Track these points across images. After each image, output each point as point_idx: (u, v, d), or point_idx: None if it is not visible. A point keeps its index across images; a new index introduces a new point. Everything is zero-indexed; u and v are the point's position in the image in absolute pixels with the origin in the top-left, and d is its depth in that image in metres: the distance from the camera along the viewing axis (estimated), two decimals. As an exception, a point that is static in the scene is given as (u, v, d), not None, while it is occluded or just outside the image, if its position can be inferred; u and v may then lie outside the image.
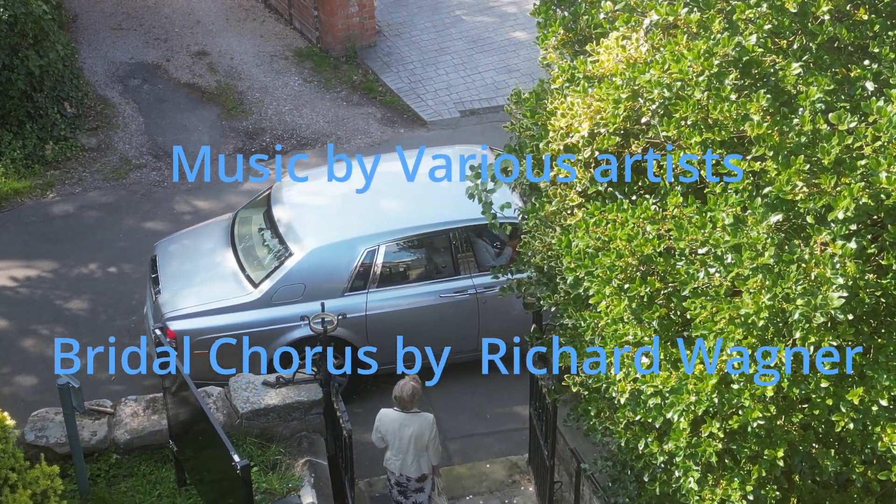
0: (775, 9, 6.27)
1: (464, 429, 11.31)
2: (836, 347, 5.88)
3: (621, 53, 6.68)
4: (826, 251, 5.78)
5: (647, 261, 6.42)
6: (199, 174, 14.66)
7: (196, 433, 8.64)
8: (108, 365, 11.92)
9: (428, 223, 11.31)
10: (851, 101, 6.19)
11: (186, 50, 17.19)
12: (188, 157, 14.93)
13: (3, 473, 6.90)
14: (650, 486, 7.24)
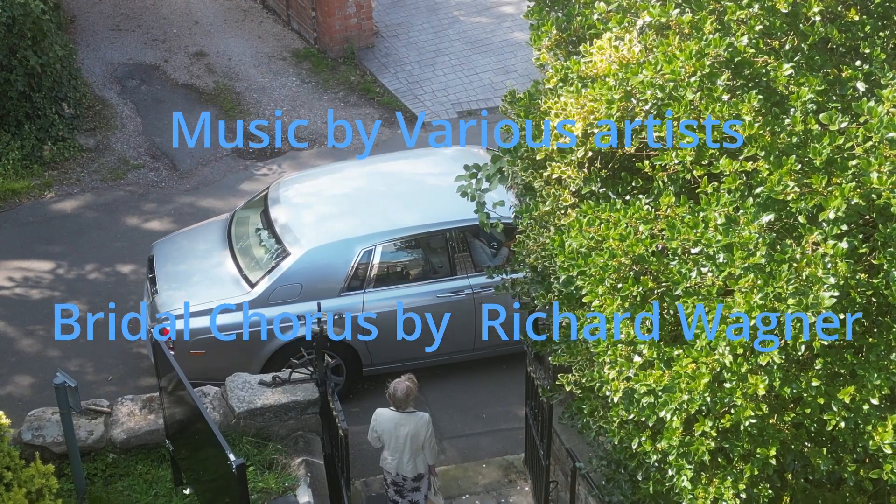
0: (767, 10, 6.31)
1: (460, 428, 11.34)
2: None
3: (614, 54, 6.71)
4: (818, 251, 5.81)
5: (640, 260, 6.44)
6: (198, 143, 15.03)
7: (192, 433, 8.67)
8: (108, 331, 12.16)
9: (424, 223, 11.34)
10: (843, 101, 6.22)
11: (184, 51, 17.23)
12: (185, 159, 14.97)
13: (-1, 472, 6.95)
14: (644, 485, 7.26)
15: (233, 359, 10.92)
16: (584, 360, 7.35)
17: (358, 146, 15.20)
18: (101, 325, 12.30)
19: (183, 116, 15.08)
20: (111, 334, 12.16)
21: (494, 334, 11.51)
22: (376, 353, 11.37)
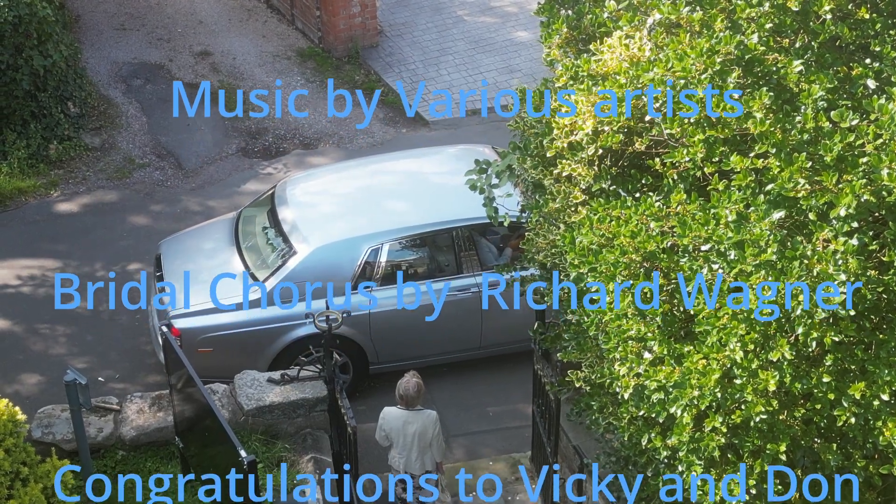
0: (777, 8, 6.34)
1: (466, 426, 11.36)
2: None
3: (625, 52, 6.74)
4: (828, 248, 5.84)
5: (651, 257, 6.48)
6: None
7: (202, 430, 8.71)
8: (108, 299, 12.46)
9: (431, 222, 11.36)
10: (853, 99, 6.25)
11: (189, 50, 17.26)
12: (191, 158, 15.00)
13: (15, 468, 6.97)
14: (653, 481, 7.30)
15: (240, 356, 10.96)
16: (595, 357, 7.39)
17: (363, 146, 15.24)
18: (107, 322, 12.33)
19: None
20: (111, 303, 12.43)
21: (499, 332, 11.55)
22: (383, 351, 11.40)
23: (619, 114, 6.75)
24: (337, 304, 10.69)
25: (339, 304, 10.73)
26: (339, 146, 15.27)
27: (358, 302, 11.10)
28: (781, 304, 5.89)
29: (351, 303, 11.00)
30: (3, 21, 13.81)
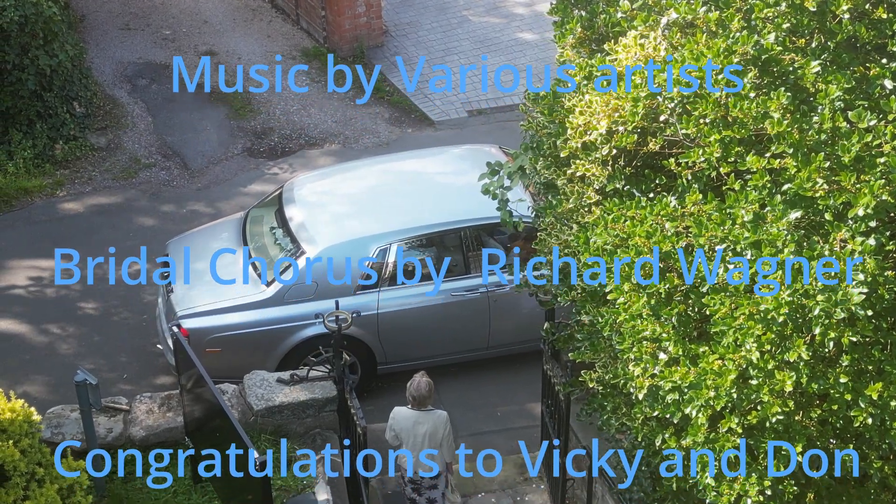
0: (794, 7, 6.33)
1: (474, 426, 11.35)
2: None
3: (640, 52, 6.73)
4: (846, 248, 5.83)
5: (666, 257, 6.47)
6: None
7: (212, 430, 8.69)
8: (108, 276, 12.77)
9: (439, 222, 11.35)
10: (870, 99, 6.24)
11: (194, 50, 17.24)
12: (197, 158, 14.99)
13: (31, 468, 6.96)
14: (666, 482, 7.29)
15: (248, 356, 10.95)
16: (608, 357, 7.38)
17: (369, 146, 15.23)
18: (114, 324, 12.32)
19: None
20: (111, 279, 12.73)
21: (507, 333, 11.54)
22: (391, 351, 11.39)
23: (632, 114, 6.74)
24: (344, 304, 10.64)
25: (346, 304, 10.70)
26: (344, 146, 15.25)
27: (365, 302, 11.08)
28: (798, 305, 5.88)
29: (358, 303, 10.98)
30: (9, 21, 13.79)
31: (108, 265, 13.11)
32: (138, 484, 9.16)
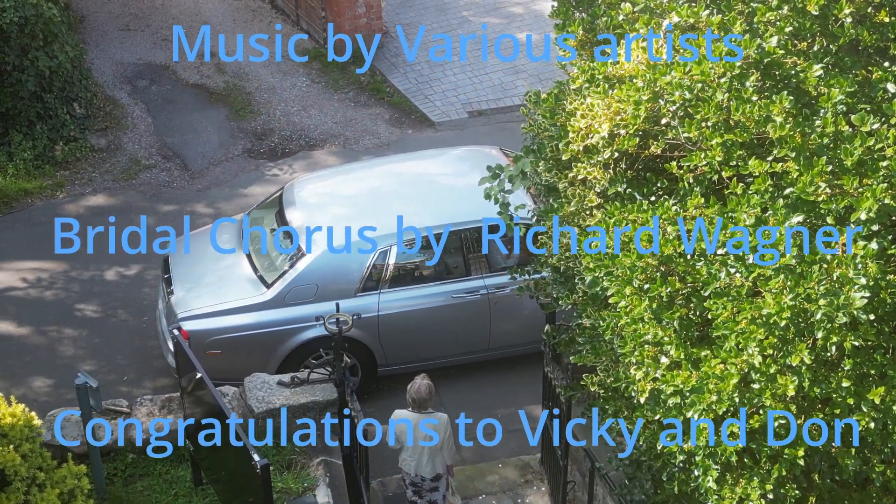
0: (796, 11, 6.31)
1: (475, 429, 11.33)
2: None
3: (642, 55, 6.72)
4: (848, 252, 5.82)
5: (668, 261, 6.45)
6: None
7: (213, 433, 8.67)
8: (108, 244, 13.06)
9: (439, 224, 11.33)
10: (872, 103, 6.23)
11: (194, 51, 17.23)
12: (197, 159, 14.98)
13: (32, 473, 6.95)
14: (668, 485, 7.27)
15: (249, 359, 10.94)
16: (610, 361, 7.37)
17: (369, 147, 15.22)
18: (114, 327, 12.31)
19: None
20: (111, 247, 13.10)
21: (508, 335, 11.53)
22: (391, 353, 11.38)
23: (634, 117, 6.73)
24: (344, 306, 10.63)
25: (346, 306, 10.69)
26: (345, 147, 15.25)
27: (366, 304, 11.07)
28: (801, 309, 5.87)
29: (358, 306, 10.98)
30: (9, 22, 13.79)
31: (107, 266, 13.10)
32: (139, 486, 9.15)
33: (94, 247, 13.26)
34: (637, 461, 8.04)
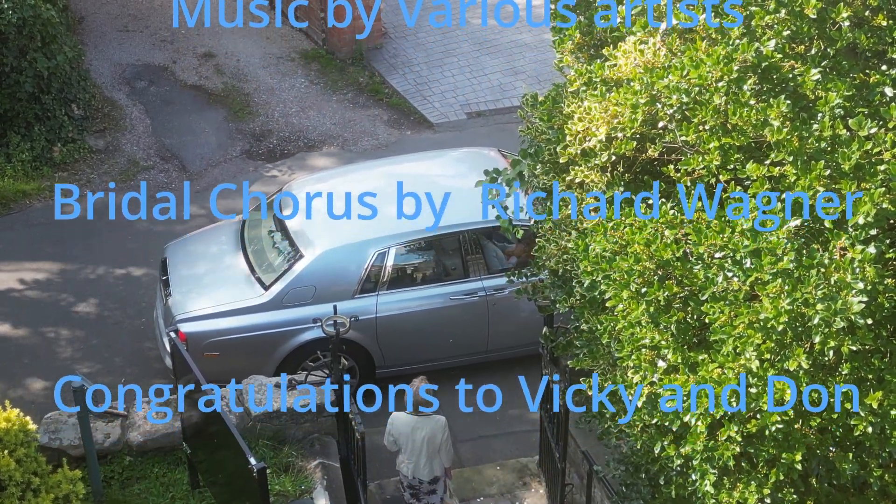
0: (794, 14, 6.30)
1: (473, 431, 11.33)
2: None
3: (640, 58, 6.70)
4: (846, 256, 5.81)
5: (665, 265, 6.44)
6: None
7: (210, 435, 8.67)
8: (108, 210, 13.52)
9: (438, 225, 11.31)
10: (870, 106, 6.22)
11: (193, 52, 17.20)
12: (195, 160, 14.96)
13: (27, 478, 6.93)
14: (665, 490, 7.26)
15: (246, 361, 10.92)
16: (607, 365, 7.35)
17: (368, 148, 15.20)
18: (112, 329, 12.29)
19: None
20: (111, 214, 13.56)
21: (506, 336, 11.52)
22: (390, 355, 11.37)
23: (631, 120, 6.71)
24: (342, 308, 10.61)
25: (344, 308, 10.67)
26: (343, 148, 15.23)
27: (363, 306, 11.05)
28: (798, 313, 5.86)
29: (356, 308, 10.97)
30: (7, 23, 13.77)
31: (104, 268, 13.09)
32: (136, 489, 9.14)
33: (89, 250, 13.26)
34: (635, 465, 8.03)
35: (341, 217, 11.33)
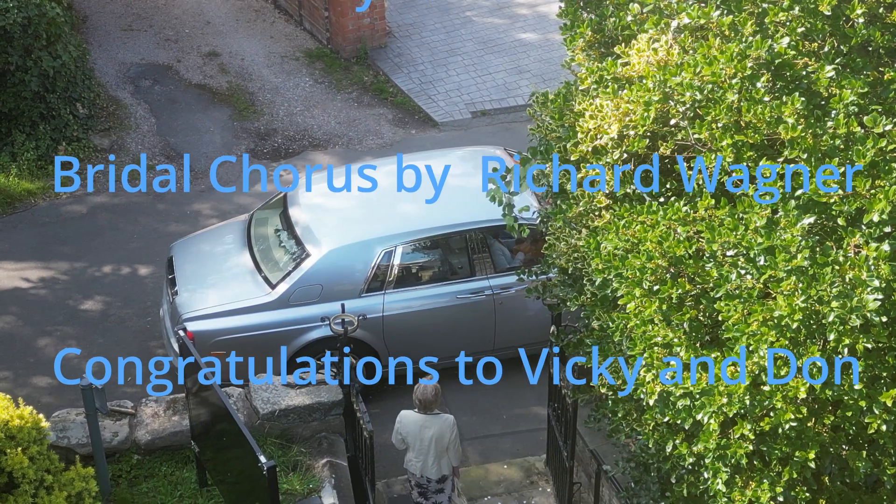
0: (808, 11, 6.29)
1: (480, 430, 11.31)
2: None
3: (652, 56, 6.69)
4: (860, 253, 5.80)
5: (678, 262, 6.43)
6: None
7: (219, 433, 8.65)
8: (108, 183, 13.90)
9: (444, 224, 11.30)
10: (884, 103, 6.21)
11: (197, 51, 17.19)
12: (200, 162, 14.94)
13: (40, 475, 6.92)
14: (677, 488, 7.25)
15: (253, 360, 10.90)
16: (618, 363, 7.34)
17: (373, 147, 15.18)
18: (118, 327, 12.28)
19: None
20: (111, 185, 13.94)
21: (513, 335, 11.50)
22: (397, 354, 11.34)
23: (643, 118, 6.70)
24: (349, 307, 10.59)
25: (351, 307, 10.65)
26: (348, 147, 15.21)
27: (370, 305, 11.04)
28: (813, 311, 5.85)
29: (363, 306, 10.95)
30: (12, 22, 13.75)
31: (110, 266, 13.08)
32: (144, 488, 9.13)
33: (94, 248, 13.24)
34: (644, 464, 8.02)
35: (341, 189, 11.61)
